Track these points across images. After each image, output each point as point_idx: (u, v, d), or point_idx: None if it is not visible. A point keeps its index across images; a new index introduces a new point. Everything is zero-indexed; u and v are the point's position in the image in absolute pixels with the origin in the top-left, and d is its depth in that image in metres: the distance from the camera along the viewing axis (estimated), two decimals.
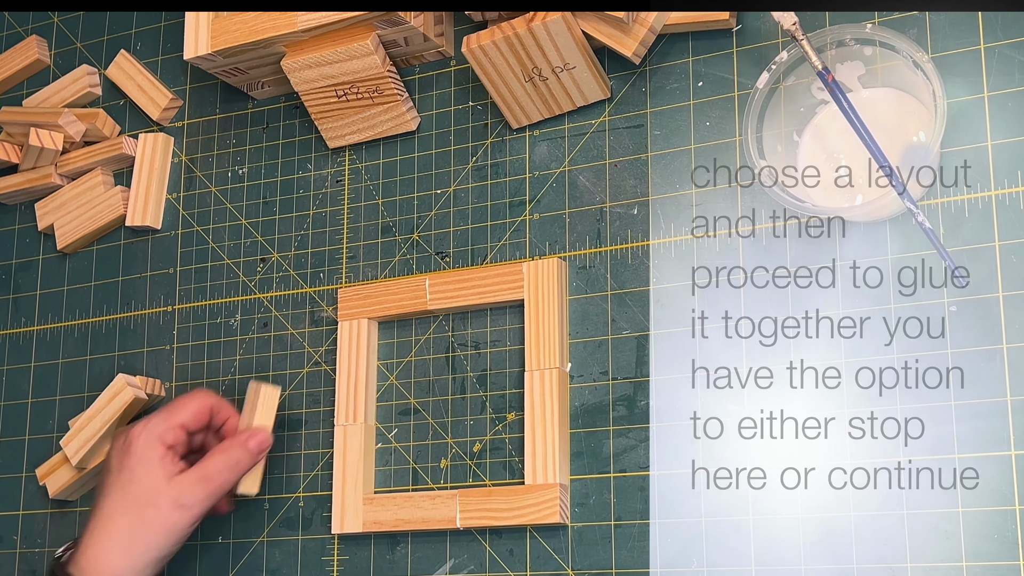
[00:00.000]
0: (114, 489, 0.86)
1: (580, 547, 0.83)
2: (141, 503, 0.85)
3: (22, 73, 1.12)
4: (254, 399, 0.91)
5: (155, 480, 0.85)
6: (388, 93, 0.93)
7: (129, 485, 0.85)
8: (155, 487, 0.85)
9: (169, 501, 0.85)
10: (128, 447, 0.86)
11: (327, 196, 0.98)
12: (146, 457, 0.86)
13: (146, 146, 1.03)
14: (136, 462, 0.86)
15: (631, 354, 0.85)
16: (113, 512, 0.85)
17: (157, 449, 0.86)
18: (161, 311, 1.02)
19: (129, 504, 0.85)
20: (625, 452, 0.83)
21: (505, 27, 0.85)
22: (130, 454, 0.86)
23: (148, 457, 0.86)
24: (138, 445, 0.86)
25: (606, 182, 0.88)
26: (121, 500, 0.85)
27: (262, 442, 0.89)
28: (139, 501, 0.85)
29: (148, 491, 0.85)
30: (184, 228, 1.02)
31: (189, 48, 0.94)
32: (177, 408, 0.88)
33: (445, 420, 0.90)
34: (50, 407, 1.04)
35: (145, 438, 0.86)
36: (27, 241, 1.09)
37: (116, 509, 0.85)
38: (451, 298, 0.89)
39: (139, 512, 0.85)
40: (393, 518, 0.88)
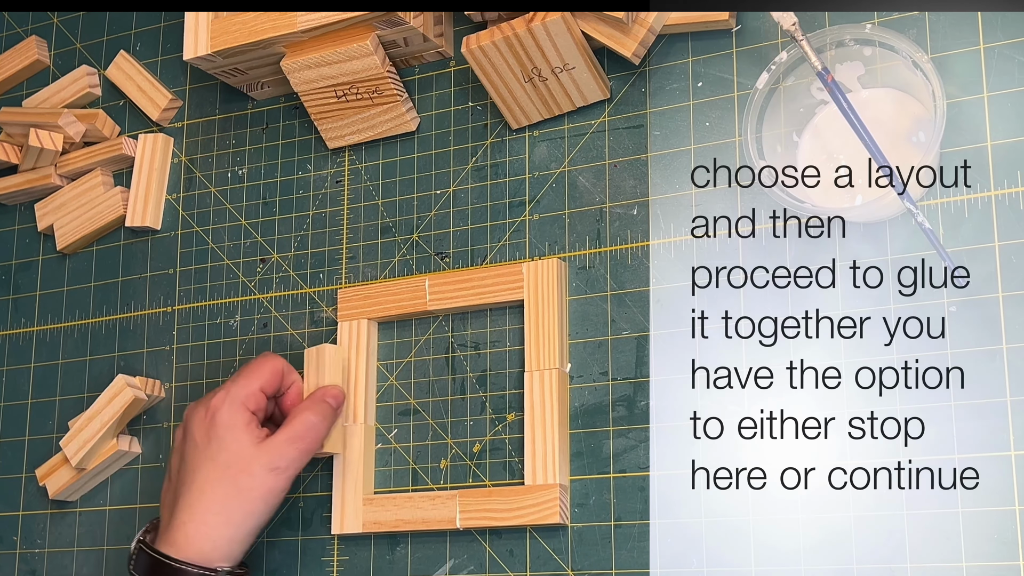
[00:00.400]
0: (203, 461, 0.84)
1: (580, 547, 0.83)
2: (235, 471, 0.84)
3: (22, 74, 1.12)
4: (317, 361, 0.90)
5: (245, 446, 0.84)
6: (388, 93, 0.93)
7: (219, 455, 0.84)
8: (246, 453, 0.84)
9: (263, 466, 0.84)
10: (212, 417, 0.85)
11: (327, 196, 0.98)
12: (232, 424, 0.85)
13: (146, 146, 1.03)
14: (224, 430, 0.84)
15: (631, 354, 0.85)
16: (206, 484, 0.84)
17: (243, 415, 0.85)
18: (161, 311, 1.02)
19: (222, 474, 0.84)
20: (625, 452, 0.83)
21: (505, 27, 0.85)
22: (216, 424, 0.85)
23: (235, 424, 0.85)
24: (223, 413, 0.85)
25: (606, 182, 0.88)
26: (213, 471, 0.84)
27: (337, 396, 0.88)
28: (232, 469, 0.84)
29: (240, 458, 0.84)
30: (184, 228, 1.02)
31: (189, 48, 0.94)
32: (253, 373, 0.87)
33: (445, 420, 0.90)
34: (50, 407, 1.04)
35: (229, 406, 0.85)
36: (27, 241, 1.09)
37: (209, 480, 0.84)
38: (451, 298, 0.89)
39: (234, 480, 0.83)
40: (393, 518, 0.88)
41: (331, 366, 0.90)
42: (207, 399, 0.87)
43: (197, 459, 0.85)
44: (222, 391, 0.86)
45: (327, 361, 0.90)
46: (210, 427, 0.85)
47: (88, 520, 1.00)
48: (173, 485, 0.87)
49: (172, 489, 0.87)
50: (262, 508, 0.84)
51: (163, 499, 0.88)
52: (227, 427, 0.85)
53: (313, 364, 0.90)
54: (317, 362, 0.90)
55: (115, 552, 0.98)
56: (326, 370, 0.90)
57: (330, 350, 0.90)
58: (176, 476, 0.86)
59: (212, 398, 0.86)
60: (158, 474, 0.98)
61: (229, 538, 0.84)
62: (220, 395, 0.86)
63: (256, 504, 0.84)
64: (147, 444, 0.99)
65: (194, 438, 0.86)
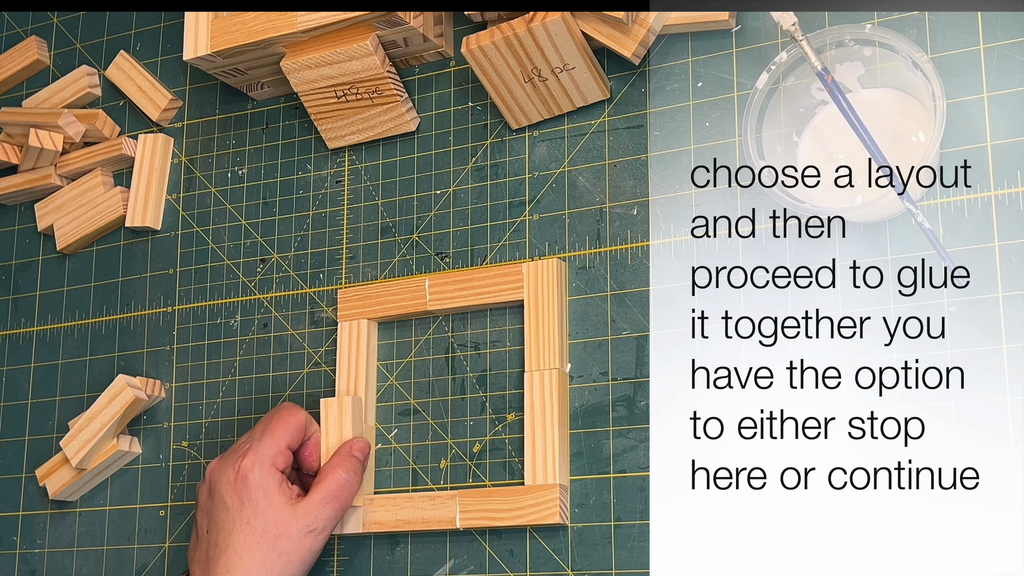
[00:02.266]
0: (239, 525, 0.84)
1: (580, 547, 0.83)
2: (273, 535, 0.83)
3: (22, 74, 1.12)
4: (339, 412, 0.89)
5: (279, 509, 0.84)
6: (388, 94, 0.93)
7: (256, 519, 0.84)
8: (283, 517, 0.84)
9: (300, 529, 0.84)
10: (244, 481, 0.84)
11: (327, 196, 0.98)
12: (265, 487, 0.84)
13: (146, 147, 1.03)
14: (258, 494, 0.84)
15: (631, 354, 0.85)
16: (244, 550, 0.83)
17: (275, 476, 0.85)
18: (161, 311, 1.02)
19: (260, 538, 0.83)
20: (625, 452, 0.83)
21: (504, 28, 0.85)
22: (248, 487, 0.84)
23: (268, 487, 0.84)
24: (255, 476, 0.84)
25: (606, 182, 0.88)
26: (250, 535, 0.83)
27: (364, 449, 0.88)
28: (270, 534, 0.83)
29: (277, 522, 0.84)
30: (184, 229, 1.02)
31: (189, 49, 0.94)
32: (278, 430, 0.86)
33: (445, 421, 0.90)
34: (50, 407, 1.04)
35: (260, 468, 0.85)
36: (27, 241, 1.09)
37: (246, 546, 0.83)
38: (451, 298, 0.89)
39: (272, 544, 0.83)
40: (393, 519, 0.88)
41: (351, 417, 0.89)
42: (233, 460, 0.86)
43: (231, 522, 0.84)
44: (251, 453, 0.85)
45: (347, 412, 0.89)
46: (242, 490, 0.84)
47: (88, 520, 1.00)
48: (204, 545, 0.86)
49: (203, 549, 0.86)
50: (301, 570, 0.85)
51: (192, 555, 0.87)
52: (261, 490, 0.84)
53: (334, 415, 0.89)
54: (339, 413, 0.89)
55: (115, 552, 0.98)
56: (347, 421, 0.89)
57: (347, 401, 0.89)
58: (207, 537, 0.86)
59: (241, 460, 0.85)
60: (158, 474, 0.98)
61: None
62: (249, 456, 0.85)
63: (296, 567, 0.84)
64: (147, 444, 0.99)
65: (225, 501, 0.85)
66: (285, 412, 0.88)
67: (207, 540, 0.86)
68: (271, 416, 0.88)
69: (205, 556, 0.85)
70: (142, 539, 0.98)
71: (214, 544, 0.85)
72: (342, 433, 0.89)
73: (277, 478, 0.85)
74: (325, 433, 0.89)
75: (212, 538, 0.85)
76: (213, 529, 0.85)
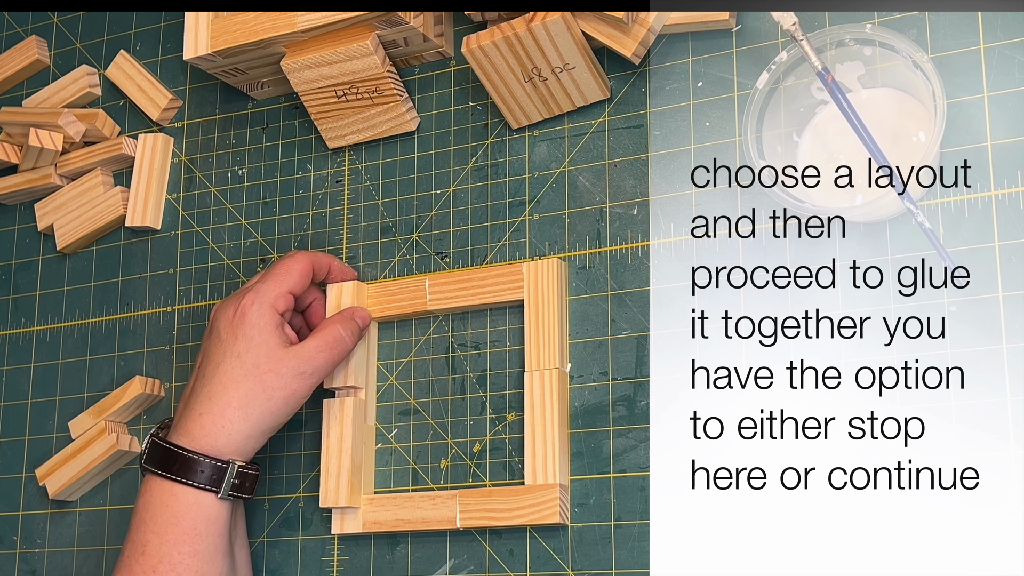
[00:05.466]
0: (228, 357, 0.84)
1: (580, 547, 0.83)
2: (262, 370, 0.84)
3: (22, 73, 1.12)
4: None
5: (272, 348, 0.84)
6: (388, 93, 0.93)
7: (247, 353, 0.84)
8: (274, 355, 0.84)
9: (291, 369, 0.84)
10: (243, 317, 0.85)
11: (327, 196, 0.98)
12: (262, 325, 0.85)
13: (146, 146, 1.03)
14: (253, 330, 0.84)
15: (631, 354, 0.85)
16: (229, 380, 0.84)
17: (273, 316, 0.85)
18: (161, 311, 1.02)
19: (248, 371, 0.84)
20: (625, 452, 0.83)
21: (505, 27, 0.85)
22: (245, 323, 0.85)
23: (264, 325, 0.85)
24: (253, 313, 0.85)
25: (606, 182, 0.88)
26: (238, 368, 0.84)
27: (365, 317, 0.89)
28: (260, 368, 0.84)
29: (268, 359, 0.84)
30: (184, 228, 1.02)
31: (189, 48, 0.94)
32: (284, 274, 0.87)
33: (445, 420, 0.90)
34: (50, 407, 1.04)
35: (259, 306, 0.85)
36: (27, 241, 1.09)
37: (233, 377, 0.84)
38: (451, 298, 0.89)
39: (259, 379, 0.84)
40: (393, 518, 0.88)
41: (351, 417, 0.89)
42: (236, 298, 0.87)
43: (221, 354, 0.85)
44: (252, 292, 0.86)
45: (348, 412, 0.89)
46: (239, 325, 0.85)
47: (88, 520, 1.00)
48: (191, 380, 0.87)
49: (191, 384, 0.87)
50: (283, 409, 0.85)
51: (182, 396, 0.88)
52: (257, 327, 0.85)
53: (335, 415, 0.89)
54: (340, 413, 0.89)
55: (115, 552, 0.98)
56: (347, 421, 0.89)
57: (348, 402, 0.89)
58: (196, 371, 0.87)
59: (242, 297, 0.86)
60: None
61: (246, 434, 0.84)
62: (250, 295, 0.86)
63: (278, 404, 0.84)
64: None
65: (220, 335, 0.86)
66: (291, 258, 0.89)
67: (196, 375, 0.86)
68: (278, 262, 0.89)
69: (191, 390, 0.86)
70: None
71: (201, 376, 0.85)
72: (343, 433, 0.89)
73: (276, 319, 0.86)
74: (326, 433, 0.89)
75: (201, 371, 0.86)
76: (204, 363, 0.86)
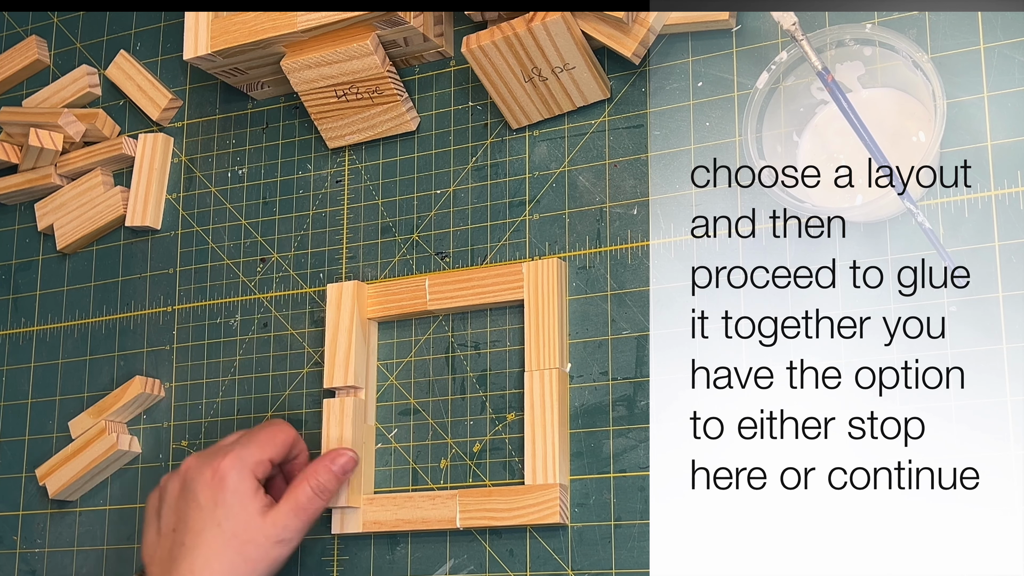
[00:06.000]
0: (208, 525, 0.83)
1: (580, 547, 0.83)
2: (241, 540, 0.83)
3: (22, 73, 1.11)
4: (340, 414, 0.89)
5: (252, 516, 0.84)
6: (388, 93, 0.93)
7: (226, 521, 0.83)
8: (253, 523, 0.84)
9: (268, 538, 0.84)
10: (221, 481, 0.84)
11: (327, 196, 0.98)
12: (241, 491, 0.84)
13: (146, 146, 1.03)
14: (232, 497, 0.84)
15: (631, 354, 0.85)
16: (212, 553, 0.83)
17: (251, 483, 0.84)
18: (161, 311, 1.02)
19: (227, 541, 0.83)
20: (625, 452, 0.83)
21: (505, 27, 0.85)
22: (224, 488, 0.84)
23: (243, 491, 0.84)
24: (232, 479, 0.84)
25: (606, 182, 0.88)
26: (218, 537, 0.83)
27: (346, 466, 0.87)
28: (239, 539, 0.83)
29: (247, 528, 0.83)
30: (184, 228, 1.02)
31: (189, 48, 0.94)
32: (266, 442, 0.86)
33: (445, 420, 0.90)
34: (50, 407, 1.04)
35: (239, 472, 0.84)
36: (27, 241, 1.09)
37: (215, 549, 0.83)
38: (451, 298, 0.89)
39: (240, 550, 0.83)
40: (393, 518, 0.88)
41: (351, 417, 0.89)
42: (212, 459, 0.85)
43: (201, 522, 0.84)
44: (232, 455, 0.85)
45: (348, 412, 0.89)
46: (218, 491, 0.84)
47: (88, 520, 1.00)
48: (167, 543, 0.85)
49: (166, 547, 0.85)
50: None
51: (151, 554, 0.86)
52: (236, 494, 0.84)
53: (335, 415, 0.89)
54: (340, 413, 0.89)
55: (115, 552, 0.98)
56: (347, 421, 0.89)
57: (348, 402, 0.89)
58: (172, 535, 0.85)
59: (221, 460, 0.85)
60: (158, 474, 0.98)
61: None
62: (230, 458, 0.85)
63: (260, 574, 0.84)
64: (147, 444, 0.99)
65: (198, 499, 0.84)
66: (275, 427, 0.88)
67: (171, 538, 0.85)
68: (261, 427, 0.88)
69: (168, 555, 0.85)
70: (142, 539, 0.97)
71: (179, 544, 0.84)
72: (343, 433, 0.89)
73: (253, 485, 0.84)
74: (326, 433, 0.89)
75: (179, 537, 0.84)
76: (181, 527, 0.85)
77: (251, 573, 0.83)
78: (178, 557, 0.84)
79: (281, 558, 0.85)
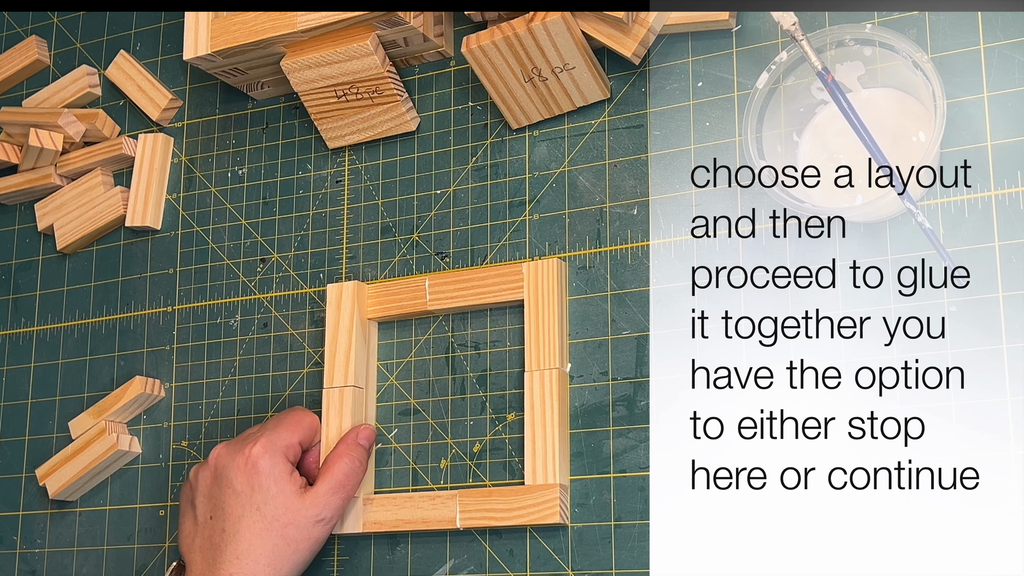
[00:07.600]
0: (248, 511, 0.84)
1: (580, 547, 0.83)
2: (283, 523, 0.84)
3: (22, 73, 1.12)
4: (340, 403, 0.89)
5: (290, 498, 0.85)
6: (388, 93, 0.93)
7: (266, 506, 0.84)
8: (292, 505, 0.84)
9: (309, 519, 0.85)
10: (255, 467, 0.85)
11: (327, 196, 0.98)
12: (276, 475, 0.85)
13: (146, 146, 1.03)
14: (269, 480, 0.85)
15: (631, 354, 0.85)
16: (254, 536, 0.84)
17: (285, 466, 0.85)
18: (161, 311, 1.02)
19: (269, 524, 0.84)
20: (625, 452, 0.83)
21: (505, 27, 0.85)
22: (258, 473, 0.85)
23: (278, 475, 0.85)
24: (265, 463, 0.85)
25: (606, 182, 0.88)
26: (260, 522, 0.84)
27: (370, 436, 0.89)
28: (280, 521, 0.84)
29: (287, 510, 0.84)
30: (184, 228, 1.02)
31: (189, 48, 0.94)
32: (294, 425, 0.87)
33: (445, 420, 0.90)
34: (50, 407, 1.04)
35: (271, 456, 0.85)
36: (27, 241, 1.09)
37: (256, 532, 0.84)
38: (451, 298, 0.89)
39: (282, 532, 0.84)
40: (393, 518, 0.88)
41: (351, 408, 0.89)
42: (243, 446, 0.86)
43: (240, 508, 0.84)
44: (263, 440, 0.86)
45: (347, 403, 0.89)
46: (253, 476, 0.85)
47: (88, 520, 1.00)
48: (206, 531, 0.86)
49: (205, 536, 0.86)
50: (308, 558, 0.86)
51: (190, 543, 0.87)
52: (272, 477, 0.85)
53: (335, 406, 0.89)
54: (340, 404, 0.89)
55: (115, 552, 0.98)
56: (347, 412, 0.89)
57: (348, 392, 0.89)
58: (210, 522, 0.86)
59: (252, 446, 0.85)
60: (158, 474, 0.98)
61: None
62: (261, 443, 0.85)
63: (303, 555, 0.85)
64: (147, 444, 0.99)
65: (233, 486, 0.85)
66: (300, 412, 0.89)
67: (211, 526, 0.86)
68: (286, 413, 0.89)
69: (209, 543, 0.85)
70: (142, 539, 0.98)
71: (220, 531, 0.85)
72: (342, 424, 0.89)
73: (288, 467, 0.86)
74: (326, 424, 0.89)
75: (218, 524, 0.85)
76: (219, 515, 0.85)
77: (294, 554, 0.84)
78: (220, 544, 0.84)
79: (322, 537, 0.86)
